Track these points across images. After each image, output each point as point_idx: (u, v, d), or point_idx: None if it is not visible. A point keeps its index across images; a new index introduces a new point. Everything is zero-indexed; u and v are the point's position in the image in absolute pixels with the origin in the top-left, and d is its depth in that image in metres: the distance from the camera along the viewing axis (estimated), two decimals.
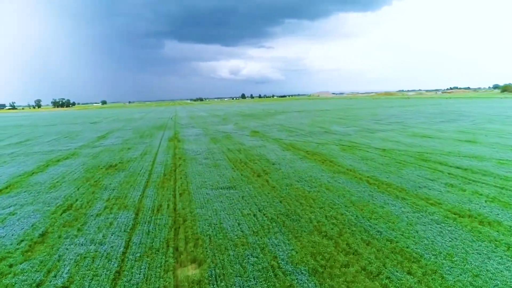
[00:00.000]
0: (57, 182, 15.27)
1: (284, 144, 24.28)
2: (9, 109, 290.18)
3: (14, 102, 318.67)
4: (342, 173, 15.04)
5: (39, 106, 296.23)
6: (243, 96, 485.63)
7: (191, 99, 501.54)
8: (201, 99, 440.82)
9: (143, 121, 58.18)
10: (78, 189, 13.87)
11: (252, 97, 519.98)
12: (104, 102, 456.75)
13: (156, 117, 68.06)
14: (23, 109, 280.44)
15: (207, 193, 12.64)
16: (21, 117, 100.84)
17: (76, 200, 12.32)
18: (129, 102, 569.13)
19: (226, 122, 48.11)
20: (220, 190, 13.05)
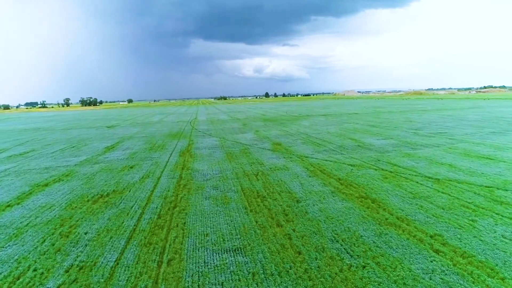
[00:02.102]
0: (25, 226, 12.15)
1: (311, 166, 20.41)
2: (39, 107, 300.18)
3: (45, 101, 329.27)
4: (391, 225, 11.08)
5: (68, 104, 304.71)
6: (266, 95, 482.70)
7: (214, 98, 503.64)
8: (224, 98, 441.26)
9: (160, 125, 55.61)
10: (43, 242, 10.66)
11: (276, 95, 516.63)
12: (130, 101, 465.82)
13: (174, 121, 65.52)
14: (52, 107, 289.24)
15: (205, 261, 9.07)
16: (46, 117, 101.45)
17: (28, 268, 9.07)
18: (154, 100, 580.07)
19: (245, 129, 44.57)
20: (224, 254, 9.45)
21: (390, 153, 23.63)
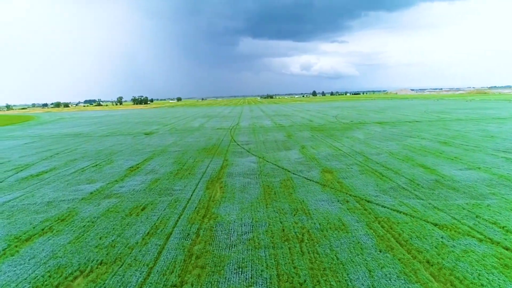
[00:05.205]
0: None
1: (378, 223, 14.50)
2: (95, 105, 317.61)
3: (100, 99, 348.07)
4: None
5: (120, 103, 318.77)
6: (314, 93, 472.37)
7: (260, 96, 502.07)
8: (270, 97, 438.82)
9: (199, 134, 51.78)
10: None
11: (323, 94, 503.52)
12: (179, 99, 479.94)
13: (215, 127, 61.59)
14: (106, 105, 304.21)
15: None
16: (94, 118, 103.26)
17: None
18: (202, 98, 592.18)
19: (290, 142, 38.96)
20: None
21: (488, 200, 16.93)
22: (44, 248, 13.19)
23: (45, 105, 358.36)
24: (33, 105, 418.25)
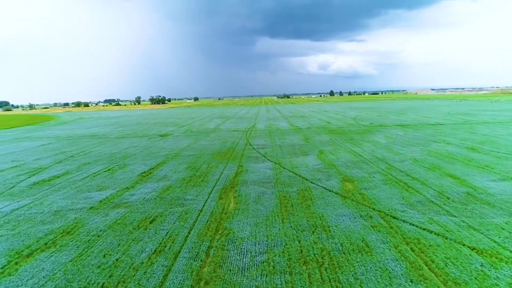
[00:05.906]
0: None
1: (406, 245, 13.04)
2: (114, 105, 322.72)
3: (119, 99, 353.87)
4: None
5: (138, 102, 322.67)
6: (331, 93, 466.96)
7: (277, 96, 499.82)
8: (287, 96, 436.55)
9: (214, 136, 50.90)
10: None
11: (341, 94, 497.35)
12: (196, 99, 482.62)
13: (231, 129, 60.64)
14: (125, 105, 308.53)
15: None
16: (112, 118, 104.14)
17: None
18: (219, 98, 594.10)
19: (307, 146, 37.52)
20: None
21: None
22: (44, 266, 12.35)
23: (66, 104, 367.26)
24: (55, 105, 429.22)
